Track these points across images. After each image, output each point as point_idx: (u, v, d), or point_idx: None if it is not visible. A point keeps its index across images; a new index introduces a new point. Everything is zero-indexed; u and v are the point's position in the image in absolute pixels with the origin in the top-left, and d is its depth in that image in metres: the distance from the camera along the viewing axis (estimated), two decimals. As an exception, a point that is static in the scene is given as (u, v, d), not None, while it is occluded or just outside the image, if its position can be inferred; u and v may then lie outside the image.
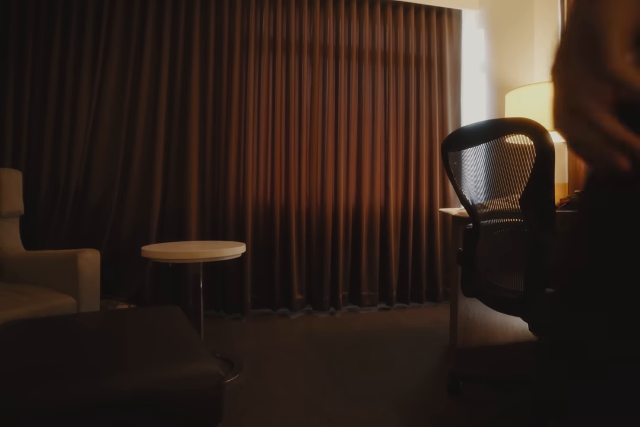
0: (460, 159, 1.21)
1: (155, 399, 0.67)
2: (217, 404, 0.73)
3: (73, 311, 1.43)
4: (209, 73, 2.40)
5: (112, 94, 2.31)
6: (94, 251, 1.56)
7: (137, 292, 2.30)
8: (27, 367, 0.71)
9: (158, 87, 2.34)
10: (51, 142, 2.21)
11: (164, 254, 1.44)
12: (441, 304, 2.77)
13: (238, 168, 2.46)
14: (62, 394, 0.63)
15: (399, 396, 1.40)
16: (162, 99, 2.33)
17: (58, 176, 2.21)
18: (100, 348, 0.81)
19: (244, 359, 1.72)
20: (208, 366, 0.75)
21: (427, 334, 2.11)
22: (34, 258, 1.59)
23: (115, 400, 0.65)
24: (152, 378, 0.69)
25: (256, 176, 2.49)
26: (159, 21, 2.36)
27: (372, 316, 2.45)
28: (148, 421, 0.67)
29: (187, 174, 2.36)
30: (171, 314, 1.08)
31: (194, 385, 0.71)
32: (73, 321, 1.01)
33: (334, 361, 1.72)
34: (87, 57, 2.24)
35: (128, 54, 2.31)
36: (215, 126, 2.45)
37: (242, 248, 1.60)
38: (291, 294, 2.47)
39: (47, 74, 2.20)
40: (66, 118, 2.22)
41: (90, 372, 0.70)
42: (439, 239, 2.79)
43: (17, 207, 1.73)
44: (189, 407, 0.70)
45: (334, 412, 1.29)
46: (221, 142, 2.44)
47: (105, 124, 2.30)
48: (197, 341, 0.88)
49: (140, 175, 2.34)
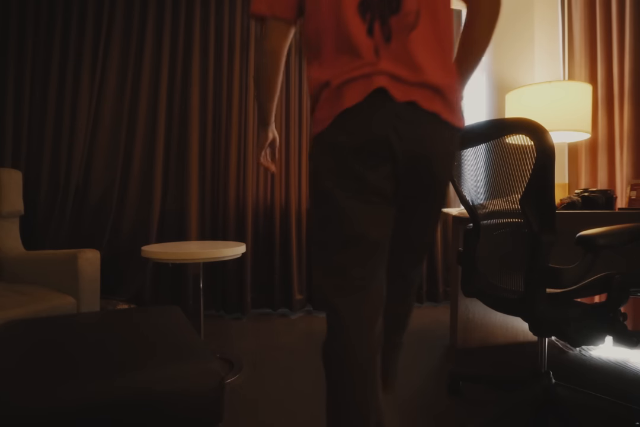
0: (460, 159, 1.21)
1: (155, 399, 0.67)
2: (217, 404, 0.73)
3: (73, 311, 1.43)
4: (209, 72, 2.40)
5: (112, 93, 2.31)
6: (94, 251, 1.56)
7: (137, 292, 2.30)
8: (27, 367, 0.71)
9: (158, 86, 2.34)
10: (51, 141, 2.21)
11: (164, 254, 1.44)
12: (441, 304, 2.77)
13: (238, 168, 2.46)
14: (61, 394, 0.63)
15: (400, 395, 1.40)
16: (162, 98, 2.33)
17: (58, 176, 2.21)
18: (100, 348, 0.81)
19: (244, 359, 1.72)
20: (208, 366, 0.75)
21: (427, 334, 2.11)
22: (34, 258, 1.59)
23: (115, 400, 0.65)
24: (152, 378, 0.69)
25: (256, 176, 2.49)
26: (159, 21, 2.36)
27: (372, 316, 2.45)
28: (148, 421, 0.67)
29: (188, 174, 2.36)
30: (171, 314, 1.08)
31: (194, 385, 0.71)
32: (73, 321, 1.01)
33: (334, 361, 1.72)
34: (87, 56, 2.24)
35: (128, 53, 2.31)
36: (215, 126, 2.46)
37: (242, 248, 1.60)
38: (291, 294, 2.47)
39: (48, 74, 2.20)
40: (66, 117, 2.22)
41: (89, 372, 0.70)
42: (439, 239, 2.79)
43: (17, 207, 1.73)
44: (188, 408, 0.70)
45: (334, 412, 1.29)
46: (221, 141, 2.44)
47: (105, 123, 2.30)
48: (197, 341, 0.88)
49: (141, 175, 2.34)
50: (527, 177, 0.97)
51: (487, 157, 1.08)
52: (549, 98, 1.88)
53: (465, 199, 1.27)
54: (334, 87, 0.79)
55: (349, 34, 0.78)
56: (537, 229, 0.97)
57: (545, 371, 1.18)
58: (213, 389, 0.72)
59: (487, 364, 1.69)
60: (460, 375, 1.40)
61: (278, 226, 2.48)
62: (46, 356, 0.77)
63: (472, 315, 1.89)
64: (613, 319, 0.95)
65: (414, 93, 0.76)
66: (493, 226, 1.16)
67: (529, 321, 1.02)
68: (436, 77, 0.78)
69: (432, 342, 1.98)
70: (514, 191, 1.02)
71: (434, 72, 0.78)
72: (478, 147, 1.10)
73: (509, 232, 1.09)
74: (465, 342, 1.89)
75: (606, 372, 1.60)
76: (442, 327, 2.23)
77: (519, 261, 1.05)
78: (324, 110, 0.81)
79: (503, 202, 1.08)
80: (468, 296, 1.28)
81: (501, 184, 1.06)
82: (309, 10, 0.86)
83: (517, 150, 0.98)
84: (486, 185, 1.12)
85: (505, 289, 1.10)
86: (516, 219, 1.05)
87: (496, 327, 1.93)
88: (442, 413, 1.29)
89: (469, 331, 1.89)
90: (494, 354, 1.81)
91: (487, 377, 1.34)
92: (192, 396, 0.70)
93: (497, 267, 1.15)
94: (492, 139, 1.02)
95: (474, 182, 1.17)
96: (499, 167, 1.05)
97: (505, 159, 1.02)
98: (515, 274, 1.06)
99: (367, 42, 0.78)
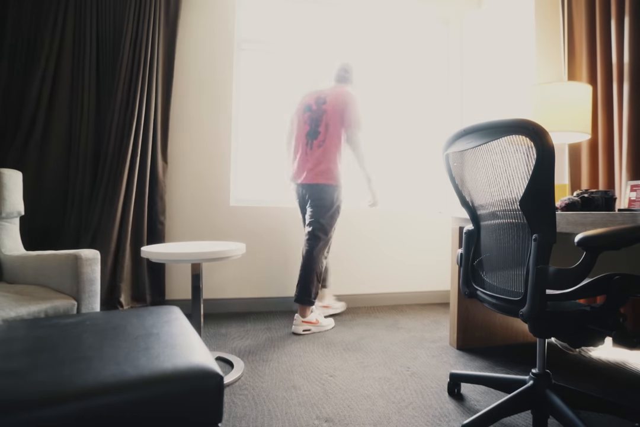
0: (460, 160, 1.21)
1: (155, 399, 0.67)
2: (217, 404, 0.73)
3: (73, 312, 1.43)
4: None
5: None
6: (94, 251, 1.56)
7: (137, 292, 2.30)
8: (26, 367, 0.71)
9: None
10: (51, 141, 2.21)
11: (164, 255, 1.44)
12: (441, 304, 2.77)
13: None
14: (61, 394, 0.63)
15: (399, 397, 1.40)
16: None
17: (58, 176, 2.21)
18: (100, 348, 0.81)
19: (244, 359, 1.72)
20: (208, 366, 0.75)
21: (427, 334, 2.11)
22: (34, 258, 1.59)
23: (114, 400, 0.65)
24: (151, 378, 0.69)
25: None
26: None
27: (372, 316, 2.45)
28: (147, 421, 0.67)
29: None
30: (171, 314, 1.08)
31: (193, 385, 0.71)
32: (73, 321, 1.01)
33: (334, 361, 1.72)
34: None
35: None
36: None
37: (242, 248, 1.60)
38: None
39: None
40: (67, 117, 2.22)
41: (89, 373, 0.70)
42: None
43: (17, 208, 1.73)
44: (188, 408, 0.70)
45: (334, 413, 1.29)
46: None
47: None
48: (197, 341, 0.88)
49: (142, 175, 2.34)
50: (527, 178, 0.97)
51: (487, 158, 1.08)
52: (549, 99, 1.88)
53: (465, 200, 1.27)
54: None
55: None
56: (537, 230, 0.97)
57: (545, 372, 1.18)
58: (213, 389, 0.72)
59: (487, 365, 1.69)
60: (460, 375, 1.40)
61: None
62: (45, 356, 0.77)
63: (472, 315, 1.89)
64: (613, 320, 0.95)
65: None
66: (493, 226, 1.16)
67: (529, 322, 1.02)
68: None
69: (432, 342, 1.98)
70: (513, 192, 1.02)
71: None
72: (478, 148, 1.10)
73: (508, 233, 1.09)
74: (465, 342, 1.89)
75: (606, 373, 1.60)
76: (442, 327, 2.23)
77: (518, 262, 1.05)
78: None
79: (503, 203, 1.08)
80: (468, 296, 1.28)
81: (501, 184, 1.06)
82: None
83: (517, 151, 0.98)
84: (486, 186, 1.12)
85: (505, 290, 1.10)
86: (516, 219, 1.05)
87: (496, 328, 1.93)
88: (442, 413, 1.29)
89: (469, 332, 1.89)
90: (494, 355, 1.81)
91: (487, 377, 1.34)
92: (192, 396, 0.70)
93: (496, 268, 1.15)
94: (492, 139, 1.03)
95: (474, 183, 1.17)
96: (499, 168, 1.05)
97: (506, 159, 1.02)
98: (515, 274, 1.06)
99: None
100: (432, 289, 2.84)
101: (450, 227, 2.85)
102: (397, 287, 2.77)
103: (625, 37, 1.89)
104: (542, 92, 1.90)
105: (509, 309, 1.08)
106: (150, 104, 2.29)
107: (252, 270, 2.53)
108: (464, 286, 1.30)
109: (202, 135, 2.48)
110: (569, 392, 1.18)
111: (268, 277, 2.56)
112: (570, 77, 2.24)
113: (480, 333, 1.91)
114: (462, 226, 1.87)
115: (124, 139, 2.25)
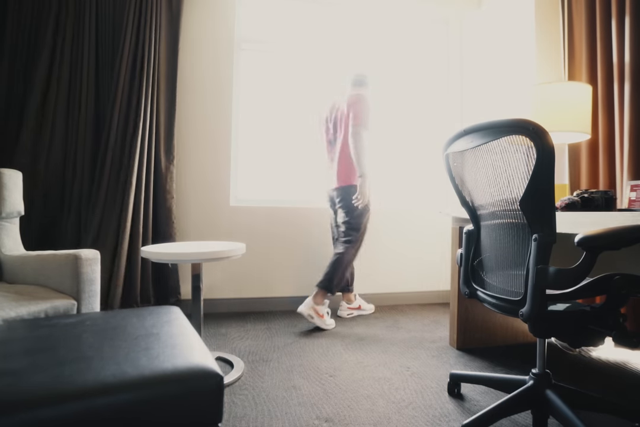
0: (460, 160, 1.21)
1: (155, 399, 0.67)
2: (217, 404, 0.73)
3: (73, 312, 1.43)
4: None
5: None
6: (94, 251, 1.56)
7: (137, 292, 2.30)
8: (26, 367, 0.71)
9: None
10: (52, 141, 2.21)
11: (164, 255, 1.44)
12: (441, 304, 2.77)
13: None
14: (61, 394, 0.63)
15: (399, 397, 1.40)
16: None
17: (59, 176, 2.21)
18: (100, 348, 0.81)
19: (244, 359, 1.72)
20: (208, 366, 0.75)
21: (427, 334, 2.11)
22: (34, 258, 1.59)
23: (114, 400, 0.65)
24: (152, 378, 0.69)
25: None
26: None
27: (372, 316, 2.45)
28: (147, 420, 0.67)
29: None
30: (171, 314, 1.08)
31: (193, 385, 0.71)
32: (73, 321, 1.01)
33: (333, 361, 1.72)
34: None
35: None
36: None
37: (242, 248, 1.60)
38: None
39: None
40: (68, 117, 2.22)
41: (89, 373, 0.70)
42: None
43: (17, 208, 1.73)
44: (188, 408, 0.70)
45: (334, 413, 1.29)
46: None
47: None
48: (197, 341, 0.88)
49: (144, 175, 2.34)
50: (527, 178, 0.97)
51: (487, 158, 1.08)
52: (549, 99, 1.88)
53: (465, 200, 1.27)
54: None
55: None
56: (536, 230, 0.97)
57: (545, 372, 1.18)
58: (213, 389, 0.72)
59: (487, 365, 1.69)
60: (460, 375, 1.40)
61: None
62: (46, 356, 0.77)
63: (472, 316, 1.89)
64: (613, 320, 0.95)
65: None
66: (493, 226, 1.16)
67: (529, 322, 1.02)
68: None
69: (432, 342, 1.98)
70: (513, 192, 1.02)
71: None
72: (478, 148, 1.10)
73: (508, 233, 1.09)
74: (465, 342, 1.89)
75: (606, 373, 1.60)
76: (442, 327, 2.23)
77: (518, 262, 1.05)
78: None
79: (503, 203, 1.08)
80: (468, 296, 1.28)
81: (501, 184, 1.06)
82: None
83: (517, 151, 0.98)
84: (486, 186, 1.12)
85: (505, 290, 1.10)
86: (516, 219, 1.05)
87: (496, 328, 1.93)
88: (442, 413, 1.29)
89: (469, 332, 1.89)
90: (494, 355, 1.81)
91: (487, 377, 1.34)
92: (192, 396, 0.70)
93: (496, 268, 1.15)
94: (492, 139, 1.03)
95: (474, 183, 1.17)
96: (499, 168, 1.05)
97: (505, 159, 1.02)
98: (515, 274, 1.06)
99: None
100: (432, 289, 2.84)
101: (450, 227, 2.85)
102: (397, 287, 2.77)
103: (626, 36, 1.89)
104: (542, 92, 1.90)
105: (509, 309, 1.08)
106: (152, 105, 2.29)
107: (252, 270, 2.53)
108: (464, 286, 1.29)
109: (202, 135, 2.48)
110: (569, 392, 1.18)
111: (268, 277, 2.56)
112: (570, 77, 2.24)
113: (480, 333, 1.91)
114: (462, 225, 1.87)
115: (125, 139, 2.25)
